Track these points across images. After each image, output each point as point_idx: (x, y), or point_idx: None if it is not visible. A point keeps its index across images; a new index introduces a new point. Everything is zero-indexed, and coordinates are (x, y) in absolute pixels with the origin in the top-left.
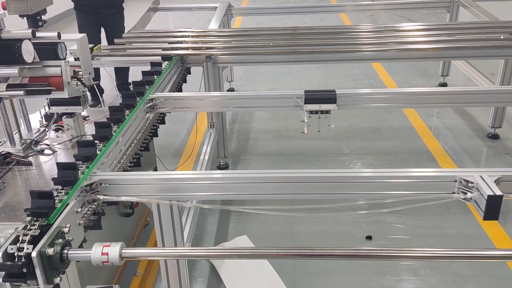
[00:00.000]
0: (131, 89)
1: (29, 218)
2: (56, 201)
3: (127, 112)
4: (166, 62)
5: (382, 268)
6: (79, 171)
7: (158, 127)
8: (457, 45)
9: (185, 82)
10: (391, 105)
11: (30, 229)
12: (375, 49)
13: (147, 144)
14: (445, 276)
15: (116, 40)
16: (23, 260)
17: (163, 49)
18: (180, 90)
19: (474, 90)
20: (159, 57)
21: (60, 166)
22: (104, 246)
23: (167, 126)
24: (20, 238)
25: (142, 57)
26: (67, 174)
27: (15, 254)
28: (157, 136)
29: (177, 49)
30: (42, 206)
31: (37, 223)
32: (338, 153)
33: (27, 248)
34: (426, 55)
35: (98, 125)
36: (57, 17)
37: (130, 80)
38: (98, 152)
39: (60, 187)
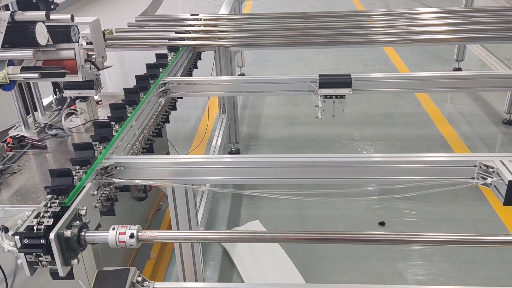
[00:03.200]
0: None
1: (49, 196)
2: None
3: (141, 94)
4: (173, 53)
5: (395, 254)
6: (97, 151)
7: (170, 113)
8: (472, 29)
9: (196, 67)
10: (406, 89)
11: (50, 207)
12: (387, 32)
13: (160, 129)
14: (458, 262)
15: (128, 23)
16: (42, 232)
17: (172, 38)
18: (191, 75)
19: (489, 75)
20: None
21: (77, 146)
22: (121, 228)
23: (177, 112)
24: (41, 214)
25: (151, 47)
26: (83, 155)
27: (35, 227)
28: (169, 122)
29: (185, 39)
30: (62, 183)
31: (57, 201)
32: (350, 139)
33: (47, 221)
34: (440, 39)
35: (113, 106)
36: (67, 2)
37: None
38: (114, 134)
39: (78, 168)
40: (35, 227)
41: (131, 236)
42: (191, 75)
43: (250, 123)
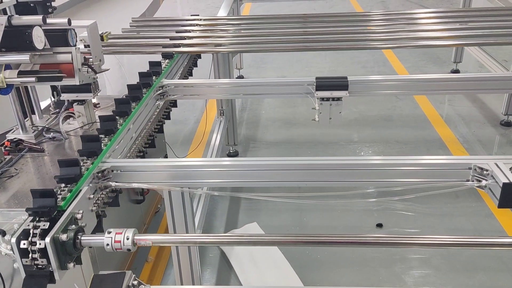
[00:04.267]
0: None
1: (30, 218)
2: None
3: (133, 104)
4: (167, 60)
5: (392, 257)
6: (84, 167)
7: (171, 110)
8: (472, 34)
9: (196, 66)
10: (404, 91)
11: (37, 227)
12: (386, 38)
13: (161, 126)
14: (457, 265)
15: (122, 29)
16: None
17: (167, 45)
18: (191, 74)
19: (487, 77)
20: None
21: (62, 163)
22: (117, 232)
23: (176, 114)
24: (30, 239)
25: (146, 54)
26: (69, 172)
27: (29, 248)
28: (170, 119)
29: (180, 46)
30: (44, 205)
31: (40, 223)
32: (348, 141)
33: (44, 225)
34: (440, 45)
35: (102, 118)
36: (67, 4)
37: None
38: (103, 148)
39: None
40: (31, 231)
41: (127, 240)
42: (191, 74)
43: (248, 125)
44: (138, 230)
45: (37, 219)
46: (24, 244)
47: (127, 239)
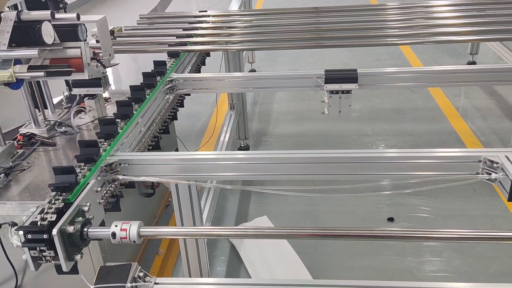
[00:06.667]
0: None
1: (53, 193)
2: (79, 177)
3: (147, 91)
4: (173, 59)
5: (404, 250)
6: (101, 149)
7: (178, 110)
8: (492, 27)
9: (204, 64)
10: (415, 84)
11: (54, 203)
12: (402, 34)
13: (167, 126)
14: (469, 258)
15: (124, 28)
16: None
17: (173, 43)
18: (199, 71)
19: (505, 68)
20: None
21: (82, 144)
22: (123, 224)
23: (189, 108)
24: (45, 210)
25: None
26: (89, 152)
27: (38, 222)
28: (177, 119)
29: (187, 45)
30: (65, 181)
31: (60, 197)
32: (360, 134)
33: (51, 217)
34: (459, 38)
35: (120, 103)
36: (81, 0)
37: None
38: (119, 131)
39: (82, 164)
40: (38, 223)
41: (133, 232)
42: (199, 71)
43: (260, 119)
44: (148, 223)
45: (45, 211)
46: (30, 236)
47: (133, 231)
